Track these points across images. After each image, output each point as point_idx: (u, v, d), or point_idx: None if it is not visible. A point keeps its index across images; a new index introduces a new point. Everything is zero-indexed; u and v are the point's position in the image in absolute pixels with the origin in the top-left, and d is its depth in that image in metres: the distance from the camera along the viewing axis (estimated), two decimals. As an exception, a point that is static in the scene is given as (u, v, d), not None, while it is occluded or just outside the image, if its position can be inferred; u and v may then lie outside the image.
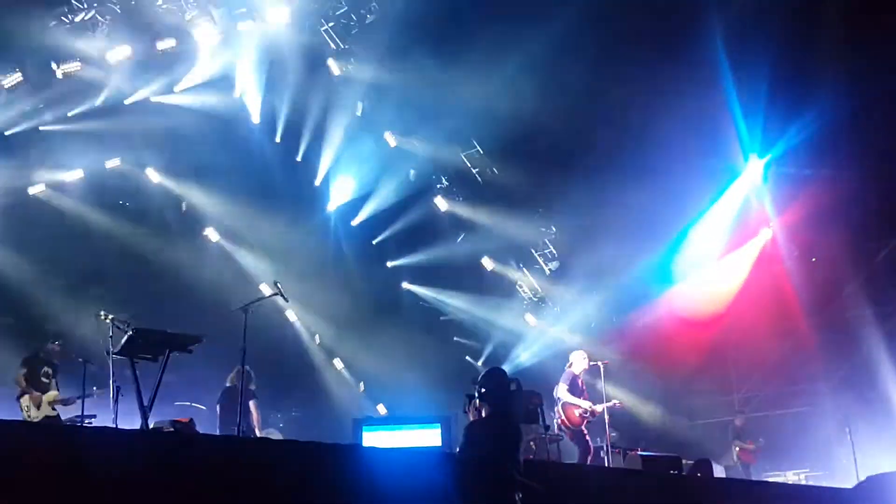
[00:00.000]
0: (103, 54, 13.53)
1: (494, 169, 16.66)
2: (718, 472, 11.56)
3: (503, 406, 7.02)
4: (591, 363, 12.40)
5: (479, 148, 16.55)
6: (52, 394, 11.27)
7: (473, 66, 13.91)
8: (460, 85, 14.63)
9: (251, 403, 11.45)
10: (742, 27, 13.49)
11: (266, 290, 15.31)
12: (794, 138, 14.68)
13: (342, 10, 14.56)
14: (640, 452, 11.40)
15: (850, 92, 13.58)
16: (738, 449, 15.04)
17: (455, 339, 18.39)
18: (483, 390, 7.02)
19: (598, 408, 12.04)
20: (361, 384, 18.05)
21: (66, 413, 11.26)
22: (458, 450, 6.87)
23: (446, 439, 11.29)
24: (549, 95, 13.82)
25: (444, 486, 6.77)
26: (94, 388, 10.71)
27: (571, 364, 12.41)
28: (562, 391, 12.08)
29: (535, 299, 17.99)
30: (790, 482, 13.99)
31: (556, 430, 11.91)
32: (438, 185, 17.36)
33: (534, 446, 12.26)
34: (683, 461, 11.17)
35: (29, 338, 12.32)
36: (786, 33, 13.26)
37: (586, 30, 13.47)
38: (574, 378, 12.26)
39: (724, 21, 13.47)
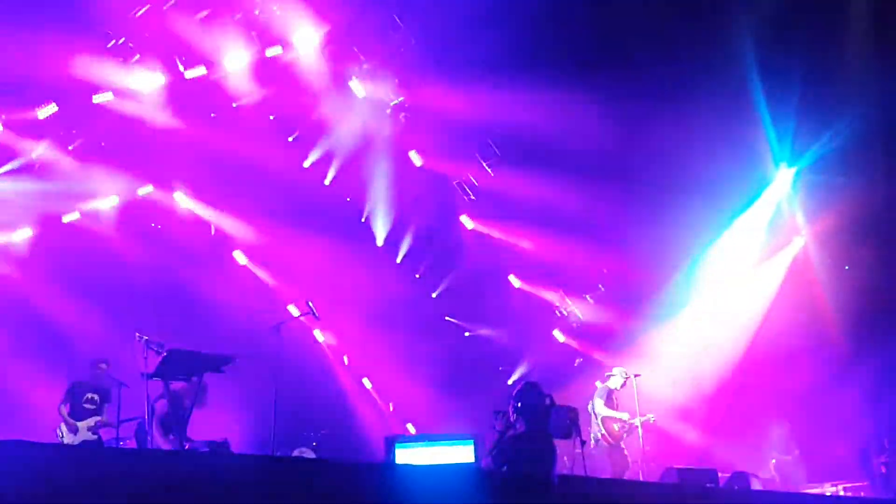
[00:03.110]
0: (134, 83, 13.74)
1: (518, 185, 16.62)
2: (755, 484, 11.41)
3: (539, 421, 6.99)
4: (625, 377, 12.38)
5: (500, 165, 16.55)
6: (93, 418, 11.38)
7: (497, 81, 13.93)
8: (484, 101, 14.71)
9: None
10: (772, 35, 13.40)
11: (294, 311, 15.43)
12: (826, 146, 14.54)
13: (367, 30, 14.65)
14: (675, 466, 11.29)
15: (883, 98, 13.44)
16: (774, 461, 14.86)
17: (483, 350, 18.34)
18: (519, 405, 7.00)
19: (636, 421, 12.01)
20: (390, 404, 18.04)
21: (105, 435, 11.38)
22: (488, 459, 6.83)
23: (480, 456, 11.27)
24: (574, 108, 13.79)
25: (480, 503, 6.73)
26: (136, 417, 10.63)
27: (609, 378, 12.41)
28: (599, 406, 12.09)
29: (565, 313, 17.89)
30: (828, 494, 13.77)
31: (593, 445, 11.86)
32: (464, 200, 17.36)
33: (567, 461, 12.20)
34: (720, 474, 11.05)
35: (65, 364, 12.42)
36: (817, 40, 13.17)
37: (614, 39, 13.46)
38: (610, 393, 12.28)
39: (753, 29, 13.38)
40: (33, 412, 11.88)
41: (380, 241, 17.24)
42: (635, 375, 12.28)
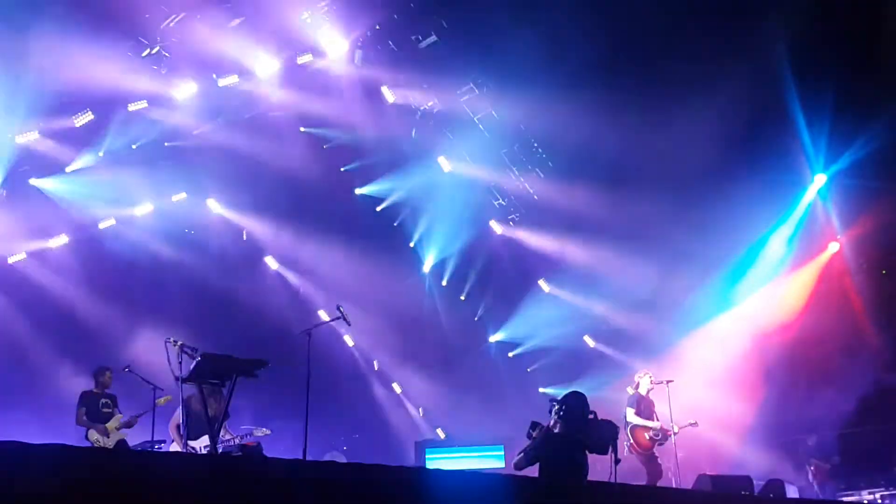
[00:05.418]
0: (168, 90, 13.91)
1: (551, 189, 16.61)
2: (791, 492, 11.26)
3: (577, 429, 7.02)
4: (656, 383, 12.25)
5: (538, 170, 16.52)
6: (117, 417, 11.51)
7: (529, 85, 13.93)
8: (514, 107, 14.71)
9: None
10: (806, 42, 13.29)
11: (324, 316, 15.51)
12: (860, 150, 14.39)
13: (395, 37, 14.67)
14: (709, 473, 11.17)
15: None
16: (812, 468, 14.65)
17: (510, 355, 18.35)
18: (563, 409, 7.05)
19: (674, 428, 11.86)
20: (420, 409, 18.07)
21: (136, 438, 11.48)
22: (521, 455, 6.85)
23: (510, 461, 11.24)
24: (610, 111, 13.73)
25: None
26: (158, 398, 10.75)
27: (637, 385, 12.28)
28: (630, 415, 11.96)
29: (596, 319, 17.81)
30: (866, 502, 13.56)
31: (624, 454, 11.76)
32: (495, 203, 17.34)
33: (599, 468, 12.11)
34: (755, 481, 10.92)
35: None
36: (850, 46, 13.04)
37: (649, 45, 13.40)
38: (640, 399, 12.13)
39: (788, 35, 13.28)
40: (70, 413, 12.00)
41: (413, 244, 17.34)
42: (668, 381, 12.14)
